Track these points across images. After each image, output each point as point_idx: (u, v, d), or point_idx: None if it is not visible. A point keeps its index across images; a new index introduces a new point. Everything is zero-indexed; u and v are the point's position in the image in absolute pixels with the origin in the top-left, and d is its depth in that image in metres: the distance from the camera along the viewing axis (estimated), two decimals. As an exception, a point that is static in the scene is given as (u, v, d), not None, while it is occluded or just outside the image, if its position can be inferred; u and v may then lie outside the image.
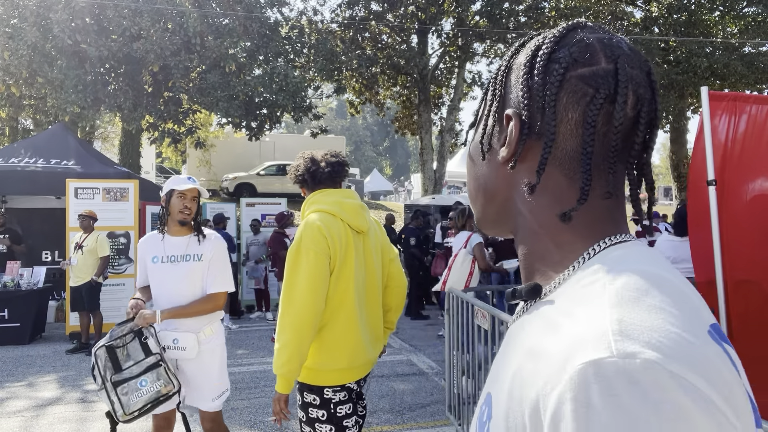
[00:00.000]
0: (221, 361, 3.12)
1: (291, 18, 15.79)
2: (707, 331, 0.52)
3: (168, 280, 3.00)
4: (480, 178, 0.72)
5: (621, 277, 0.55)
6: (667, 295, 0.53)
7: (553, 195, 0.64)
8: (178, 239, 3.04)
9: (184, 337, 2.99)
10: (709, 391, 0.46)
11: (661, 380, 0.45)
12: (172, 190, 3.01)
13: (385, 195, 33.02)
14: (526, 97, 0.64)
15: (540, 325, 0.59)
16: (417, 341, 7.63)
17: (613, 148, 0.62)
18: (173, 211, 3.01)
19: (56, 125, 10.78)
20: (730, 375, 0.49)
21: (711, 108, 3.43)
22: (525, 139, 0.64)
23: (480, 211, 0.75)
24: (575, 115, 0.62)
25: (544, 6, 16.84)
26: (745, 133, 3.46)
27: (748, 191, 3.45)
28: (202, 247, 3.05)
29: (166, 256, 3.01)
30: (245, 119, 13.83)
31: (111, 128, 22.43)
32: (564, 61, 0.62)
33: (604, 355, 0.47)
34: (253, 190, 18.72)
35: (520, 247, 0.69)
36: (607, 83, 0.61)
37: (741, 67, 14.34)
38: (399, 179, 46.69)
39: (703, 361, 0.48)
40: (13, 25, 11.96)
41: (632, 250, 0.60)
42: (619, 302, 0.52)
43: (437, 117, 18.68)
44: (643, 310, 0.50)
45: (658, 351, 0.47)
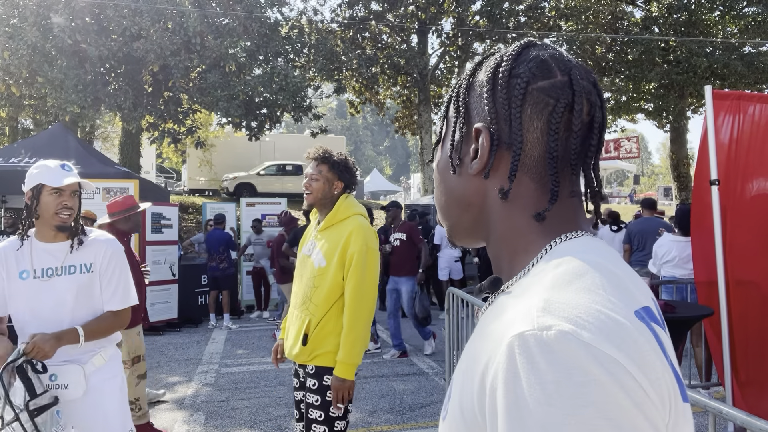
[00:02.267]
0: (121, 399, 2.38)
1: (291, 18, 15.79)
2: (634, 312, 0.57)
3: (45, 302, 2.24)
4: (453, 191, 0.76)
5: (563, 265, 0.61)
6: (599, 279, 0.58)
7: (523, 199, 0.70)
8: (53, 246, 2.29)
9: (65, 372, 2.23)
10: (621, 358, 0.50)
11: (572, 348, 0.50)
12: (40, 185, 2.24)
13: (385, 195, 33.02)
14: (492, 111, 0.69)
15: (493, 312, 0.65)
16: (417, 341, 7.63)
17: (574, 151, 0.69)
18: (45, 213, 2.24)
19: (56, 125, 10.78)
20: (648, 348, 0.53)
21: (714, 107, 3.41)
22: (495, 149, 0.69)
23: (455, 222, 0.78)
24: (540, 124, 0.68)
25: (544, 6, 16.85)
26: (749, 132, 3.45)
27: (751, 190, 3.45)
28: (89, 254, 2.32)
29: (38, 269, 2.25)
30: (245, 119, 13.83)
31: (111, 128, 22.42)
32: (525, 76, 0.68)
33: (527, 328, 0.53)
34: (253, 190, 18.73)
35: (492, 250, 0.75)
36: (565, 93, 0.67)
37: (741, 67, 14.34)
38: (401, 179, 46.67)
39: (618, 332, 0.52)
40: (13, 25, 11.96)
41: (580, 242, 0.66)
42: (553, 285, 0.58)
43: (437, 117, 18.67)
44: (571, 291, 0.56)
45: (573, 323, 0.52)
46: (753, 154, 3.44)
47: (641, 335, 0.54)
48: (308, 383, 2.54)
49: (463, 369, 0.63)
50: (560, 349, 0.50)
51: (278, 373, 6.09)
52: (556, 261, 0.62)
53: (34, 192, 2.26)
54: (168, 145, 15.10)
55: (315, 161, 2.64)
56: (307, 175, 2.64)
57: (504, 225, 0.71)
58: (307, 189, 2.62)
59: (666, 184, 37.76)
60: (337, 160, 2.63)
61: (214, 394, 5.44)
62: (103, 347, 2.37)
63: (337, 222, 2.60)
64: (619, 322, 0.53)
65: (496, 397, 0.53)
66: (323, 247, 2.56)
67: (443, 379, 5.68)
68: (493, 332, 0.59)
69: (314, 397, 2.51)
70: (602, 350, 0.50)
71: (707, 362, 5.04)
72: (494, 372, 0.54)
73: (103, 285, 2.35)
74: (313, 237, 2.67)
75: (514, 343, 0.53)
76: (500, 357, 0.54)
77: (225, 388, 5.62)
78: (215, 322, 8.88)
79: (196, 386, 5.73)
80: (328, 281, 2.51)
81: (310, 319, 2.52)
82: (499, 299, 0.66)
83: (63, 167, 2.30)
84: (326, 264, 2.52)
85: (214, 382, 5.83)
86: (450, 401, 0.65)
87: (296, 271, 2.72)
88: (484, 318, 0.68)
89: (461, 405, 0.61)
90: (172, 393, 5.50)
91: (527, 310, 0.55)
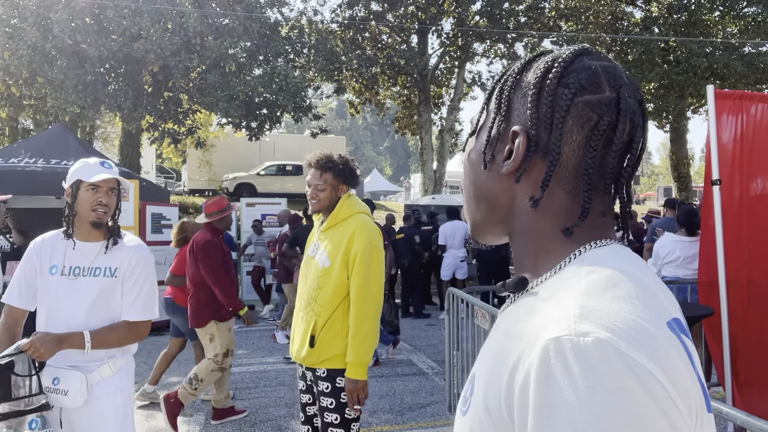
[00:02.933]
0: (124, 414, 2.26)
1: (291, 18, 15.79)
2: (666, 322, 0.58)
3: (63, 301, 2.20)
4: (481, 186, 0.77)
5: (596, 272, 0.62)
6: (633, 289, 0.59)
7: (553, 209, 0.70)
8: (87, 246, 2.26)
9: (67, 377, 2.14)
10: (653, 368, 0.52)
11: (608, 356, 0.52)
12: (78, 181, 2.23)
13: (385, 195, 33.02)
14: (534, 117, 0.69)
15: (520, 312, 0.66)
16: (417, 341, 7.63)
17: (611, 170, 0.69)
18: (82, 209, 2.22)
19: (56, 125, 10.78)
20: (679, 360, 0.55)
21: (717, 107, 3.41)
22: (531, 155, 0.69)
23: (481, 217, 0.78)
24: (578, 138, 0.68)
25: (544, 6, 16.84)
26: (752, 132, 3.44)
27: (753, 191, 3.45)
28: (116, 258, 2.27)
29: (67, 267, 2.22)
30: (245, 119, 13.83)
31: (111, 128, 22.42)
32: (573, 87, 0.68)
33: (563, 333, 0.54)
34: (253, 190, 18.73)
35: (516, 248, 0.75)
36: (610, 111, 0.67)
37: (741, 67, 14.34)
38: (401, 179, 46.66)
39: (652, 343, 0.54)
40: (13, 25, 11.95)
41: (611, 250, 0.67)
42: (588, 292, 0.59)
43: (437, 117, 18.69)
44: (607, 299, 0.57)
45: (609, 332, 0.53)
46: (755, 154, 3.43)
47: (672, 347, 0.55)
48: (320, 387, 2.50)
49: (488, 365, 0.64)
50: (596, 355, 0.52)
51: (278, 373, 6.09)
52: (589, 268, 0.63)
53: (72, 188, 2.25)
54: (168, 146, 15.10)
55: (318, 169, 2.58)
56: (310, 183, 2.59)
57: (530, 229, 0.72)
58: (313, 198, 2.58)
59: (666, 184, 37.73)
60: (341, 167, 2.58)
61: (214, 394, 5.44)
62: (113, 357, 2.27)
63: (340, 221, 2.58)
64: (653, 333, 0.55)
65: (528, 396, 0.54)
66: (327, 248, 2.54)
67: (443, 379, 5.68)
68: (524, 332, 0.60)
69: (328, 400, 2.48)
70: (636, 360, 0.52)
71: (707, 362, 5.05)
72: (526, 372, 0.56)
73: (125, 292, 2.27)
74: (317, 238, 2.65)
75: (549, 346, 0.54)
76: (533, 358, 0.55)
77: (225, 388, 5.62)
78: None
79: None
80: (333, 281, 2.49)
81: (316, 320, 2.49)
82: (526, 299, 0.67)
83: (102, 164, 2.28)
84: (330, 264, 2.50)
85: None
86: (473, 396, 0.66)
87: (301, 272, 2.70)
88: (509, 316, 0.68)
89: (486, 401, 0.62)
90: (172, 393, 5.50)
91: (563, 315, 0.57)
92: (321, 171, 2.56)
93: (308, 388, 2.61)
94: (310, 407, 2.63)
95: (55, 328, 2.17)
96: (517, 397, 0.56)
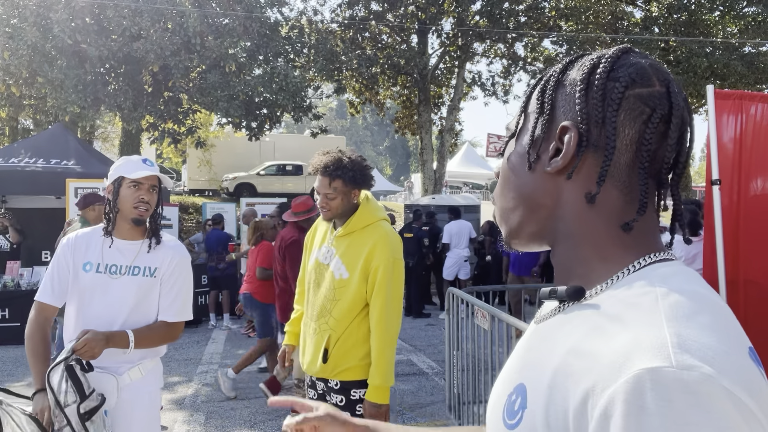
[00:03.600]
0: (150, 413, 2.24)
1: (291, 18, 15.78)
2: (747, 353, 0.57)
3: (100, 300, 2.17)
4: (523, 188, 0.74)
5: (673, 294, 0.59)
6: (715, 315, 0.58)
7: (606, 206, 0.68)
8: (126, 244, 2.24)
9: (98, 381, 2.09)
10: (753, 406, 0.51)
11: (715, 393, 0.50)
12: (121, 177, 2.22)
13: (385, 195, 33.03)
14: (584, 111, 0.68)
15: (586, 327, 0.62)
16: (417, 341, 7.63)
17: (666, 164, 0.68)
18: (124, 206, 2.21)
19: (56, 125, 10.78)
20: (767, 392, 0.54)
21: (717, 107, 3.40)
22: (583, 150, 0.68)
23: (518, 222, 0.75)
24: (631, 132, 0.66)
25: (544, 6, 16.83)
26: (752, 132, 3.44)
27: (754, 190, 3.44)
28: (156, 258, 2.25)
29: (104, 264, 2.19)
30: (245, 119, 13.82)
31: (111, 128, 22.41)
32: (624, 80, 0.66)
33: (663, 364, 0.51)
34: (253, 190, 18.73)
35: (560, 253, 0.73)
36: (662, 104, 0.66)
37: (741, 67, 14.33)
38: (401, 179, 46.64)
39: (748, 378, 0.53)
40: (13, 25, 11.95)
41: (678, 269, 0.65)
42: (675, 317, 0.56)
43: (437, 117, 18.67)
44: (697, 328, 0.55)
45: (713, 366, 0.51)
46: (755, 154, 3.43)
47: (761, 379, 0.54)
48: (332, 399, 2.38)
49: (547, 380, 0.61)
50: (703, 392, 0.50)
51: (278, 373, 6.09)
52: (663, 288, 0.60)
53: (114, 185, 2.24)
54: (168, 145, 15.10)
55: (326, 177, 2.33)
56: (319, 191, 2.36)
57: (580, 230, 0.69)
58: (323, 207, 2.36)
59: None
60: (351, 173, 2.33)
61: (214, 394, 5.44)
62: (144, 359, 2.24)
63: (359, 229, 2.38)
64: (747, 367, 0.54)
65: (610, 425, 0.52)
66: (344, 257, 2.36)
67: (443, 379, 5.68)
68: (600, 354, 0.57)
69: (338, 397, 2.40)
70: (740, 398, 0.51)
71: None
72: (609, 399, 0.53)
73: (163, 292, 2.26)
74: (330, 243, 2.44)
75: (645, 376, 0.51)
76: (621, 386, 0.52)
77: (225, 388, 5.62)
78: (215, 322, 8.88)
79: (196, 386, 5.72)
80: (351, 295, 2.32)
81: (330, 334, 2.35)
82: (585, 312, 0.64)
83: (144, 161, 2.27)
84: (348, 276, 2.33)
85: (214, 382, 5.83)
86: (528, 411, 0.63)
87: (309, 277, 2.50)
88: (565, 328, 0.65)
89: (548, 418, 0.59)
90: (172, 393, 5.50)
91: (660, 342, 0.53)
92: (330, 179, 2.33)
93: (319, 398, 2.47)
94: None
95: (88, 326, 2.12)
96: (594, 424, 0.53)
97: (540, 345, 0.68)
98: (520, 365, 0.70)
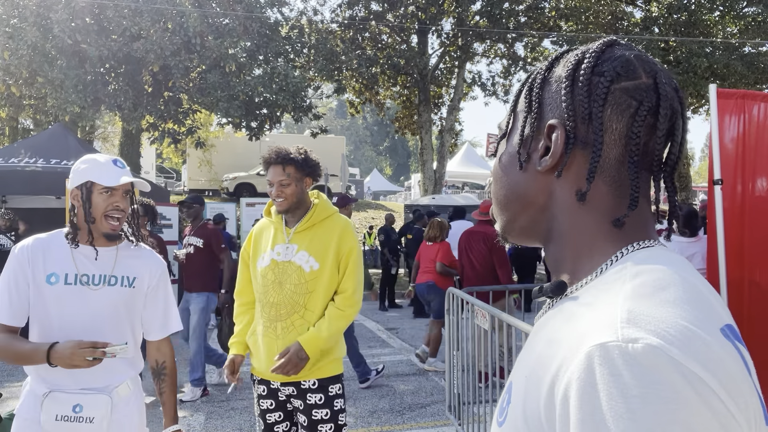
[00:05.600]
0: (139, 424, 2.08)
1: (291, 18, 15.78)
2: (719, 329, 0.55)
3: (77, 315, 1.91)
4: (515, 187, 0.73)
5: (641, 275, 0.58)
6: (683, 292, 0.56)
7: (597, 202, 0.67)
8: (101, 251, 1.99)
9: (91, 402, 1.89)
10: (708, 379, 0.49)
11: (661, 364, 0.48)
12: (90, 183, 1.92)
13: (385, 195, 33.02)
14: (570, 108, 0.67)
15: (561, 317, 0.63)
16: (417, 341, 7.63)
17: (657, 157, 0.67)
18: (96, 215, 1.93)
19: (56, 125, 10.78)
20: (736, 369, 0.52)
21: (719, 106, 3.39)
22: (571, 148, 0.67)
23: (511, 219, 0.76)
24: (619, 126, 0.65)
25: (544, 6, 16.84)
26: (754, 132, 3.43)
27: (756, 190, 3.44)
28: (133, 267, 2.03)
29: (72, 275, 1.93)
30: (245, 119, 13.82)
31: (111, 128, 22.42)
32: (608, 75, 0.65)
33: (610, 339, 0.51)
34: (253, 190, 18.73)
35: (552, 251, 0.72)
36: (649, 96, 0.65)
37: (741, 67, 14.33)
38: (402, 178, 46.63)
39: (705, 351, 0.50)
40: (13, 25, 11.95)
41: (656, 252, 0.64)
42: (633, 296, 0.55)
43: (437, 117, 18.68)
44: (655, 304, 0.54)
45: (660, 338, 0.50)
46: (757, 154, 3.43)
47: (728, 355, 0.52)
48: (309, 400, 2.35)
49: (526, 373, 0.62)
50: (647, 363, 0.49)
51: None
52: (634, 270, 0.60)
53: (83, 191, 1.92)
54: (168, 146, 15.10)
55: (278, 164, 2.40)
56: (272, 182, 2.41)
57: (572, 227, 0.69)
58: (279, 196, 2.39)
59: (666, 184, 37.66)
60: (302, 158, 2.44)
61: (214, 395, 5.44)
62: (130, 375, 2.06)
63: (320, 221, 2.45)
64: (706, 341, 0.51)
65: (569, 406, 0.51)
66: (311, 249, 2.38)
67: (443, 379, 5.68)
68: (564, 339, 0.57)
69: (322, 411, 2.35)
70: (690, 368, 0.48)
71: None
72: (567, 381, 0.52)
73: (148, 307, 2.09)
74: (287, 241, 2.43)
75: (594, 352, 0.51)
76: (576, 366, 0.52)
77: (225, 389, 5.62)
78: (215, 322, 8.87)
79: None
80: (325, 283, 2.37)
81: (308, 327, 2.34)
82: (566, 304, 0.64)
83: (115, 163, 1.98)
84: (320, 266, 2.36)
85: (214, 383, 5.83)
86: (510, 406, 0.63)
87: (263, 280, 2.42)
88: (549, 322, 0.65)
89: (525, 411, 0.59)
90: (172, 393, 5.50)
91: (609, 319, 0.53)
92: (282, 165, 2.39)
93: (279, 405, 2.45)
94: (279, 425, 2.46)
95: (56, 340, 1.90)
96: (558, 409, 0.53)
97: (529, 343, 0.68)
98: (515, 365, 0.70)
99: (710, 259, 3.59)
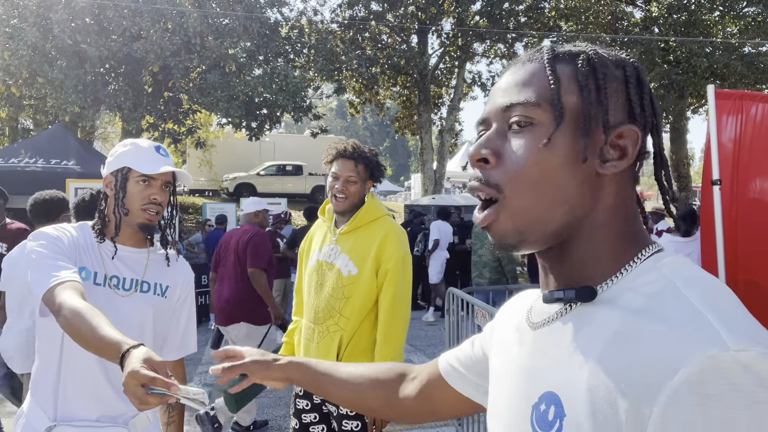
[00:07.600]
0: None
1: (291, 18, 15.79)
2: None
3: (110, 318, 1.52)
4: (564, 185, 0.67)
5: (692, 282, 0.61)
6: (730, 296, 0.60)
7: (629, 205, 0.71)
8: (130, 253, 1.73)
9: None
10: None
11: None
12: (127, 169, 1.68)
13: (385, 195, 33.04)
14: (651, 116, 0.70)
15: (612, 326, 0.61)
16: (417, 341, 7.63)
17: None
18: (131, 205, 1.67)
19: (56, 125, 10.80)
20: None
21: (717, 107, 3.40)
22: (643, 157, 0.70)
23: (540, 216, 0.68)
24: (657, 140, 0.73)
25: (544, 6, 16.85)
26: (752, 132, 3.44)
27: (755, 191, 3.44)
28: (167, 275, 1.78)
29: (103, 275, 1.66)
30: (245, 119, 13.83)
31: (111, 128, 22.43)
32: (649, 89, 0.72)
33: (720, 350, 0.52)
34: (253, 190, 18.73)
35: (574, 254, 0.69)
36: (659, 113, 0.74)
37: (741, 67, 14.34)
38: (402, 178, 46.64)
39: None
40: (13, 25, 11.96)
41: (677, 258, 0.67)
42: (706, 303, 0.57)
43: (437, 117, 18.69)
44: (730, 310, 0.57)
45: (761, 344, 0.53)
46: (755, 155, 3.43)
47: None
48: (342, 410, 2.23)
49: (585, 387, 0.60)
50: (761, 369, 0.51)
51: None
52: (676, 276, 0.62)
53: (118, 177, 1.68)
54: (168, 146, 15.10)
55: (350, 159, 2.24)
56: (339, 175, 2.24)
57: (605, 230, 0.69)
58: (341, 193, 2.23)
59: (666, 184, 37.62)
60: (374, 160, 2.28)
61: (214, 394, 5.44)
62: None
63: (365, 224, 2.31)
64: None
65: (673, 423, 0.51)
66: (351, 252, 2.27)
67: (443, 379, 5.68)
68: (645, 351, 0.56)
69: (353, 423, 2.22)
70: None
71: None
72: (669, 396, 0.52)
73: (178, 321, 1.83)
74: (333, 242, 2.35)
75: (706, 364, 0.51)
76: (682, 379, 0.51)
77: (225, 389, 5.62)
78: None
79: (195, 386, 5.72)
80: (362, 290, 2.23)
81: (341, 335, 2.23)
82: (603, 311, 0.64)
83: (158, 150, 1.74)
84: (358, 271, 2.23)
85: (214, 383, 5.82)
86: (566, 420, 0.61)
87: (309, 280, 2.38)
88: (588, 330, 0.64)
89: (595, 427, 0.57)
90: (172, 393, 5.50)
91: (708, 330, 0.54)
92: (355, 161, 2.23)
93: (315, 407, 2.36)
94: (315, 426, 2.37)
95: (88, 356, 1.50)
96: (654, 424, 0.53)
97: (556, 351, 0.66)
98: (535, 374, 0.68)
99: (705, 259, 3.59)
